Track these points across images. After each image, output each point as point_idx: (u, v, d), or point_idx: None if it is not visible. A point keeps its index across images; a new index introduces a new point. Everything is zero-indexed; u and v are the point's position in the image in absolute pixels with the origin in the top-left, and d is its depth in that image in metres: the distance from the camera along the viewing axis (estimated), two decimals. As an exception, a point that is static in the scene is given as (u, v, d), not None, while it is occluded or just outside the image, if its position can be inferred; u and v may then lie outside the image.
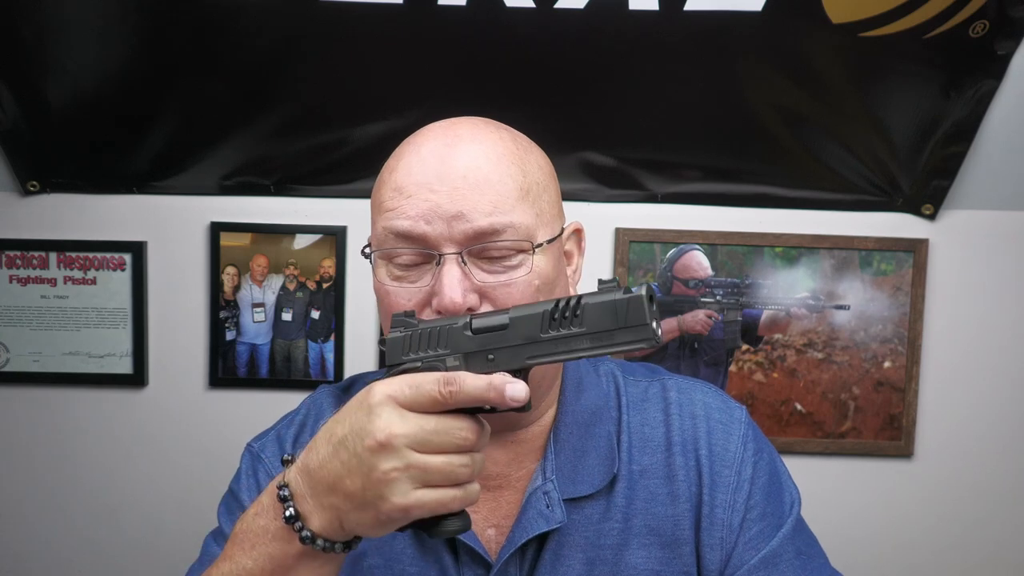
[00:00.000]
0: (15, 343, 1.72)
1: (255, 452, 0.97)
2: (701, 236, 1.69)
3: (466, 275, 0.81)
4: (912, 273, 1.69)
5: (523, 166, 0.85)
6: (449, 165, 0.82)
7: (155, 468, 1.74)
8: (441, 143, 0.84)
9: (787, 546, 0.89)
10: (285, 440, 0.97)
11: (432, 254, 0.82)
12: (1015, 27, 1.48)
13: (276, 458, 0.95)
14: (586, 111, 1.59)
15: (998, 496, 1.75)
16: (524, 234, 0.82)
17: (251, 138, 1.63)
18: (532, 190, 0.85)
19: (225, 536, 0.88)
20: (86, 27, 1.50)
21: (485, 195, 0.81)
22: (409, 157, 0.85)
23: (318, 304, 1.71)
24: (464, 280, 0.81)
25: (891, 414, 1.72)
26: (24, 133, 1.62)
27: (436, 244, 0.81)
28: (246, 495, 0.93)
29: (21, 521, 1.75)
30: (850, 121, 1.59)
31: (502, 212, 0.81)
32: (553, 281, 0.86)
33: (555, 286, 0.87)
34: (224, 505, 0.96)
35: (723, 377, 1.71)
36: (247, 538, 0.76)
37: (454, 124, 0.87)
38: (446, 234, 0.81)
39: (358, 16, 1.46)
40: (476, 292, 0.81)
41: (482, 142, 0.85)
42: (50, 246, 1.70)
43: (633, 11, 1.45)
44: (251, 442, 0.99)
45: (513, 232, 0.82)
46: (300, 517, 0.72)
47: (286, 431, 0.98)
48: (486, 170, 0.82)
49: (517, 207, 0.82)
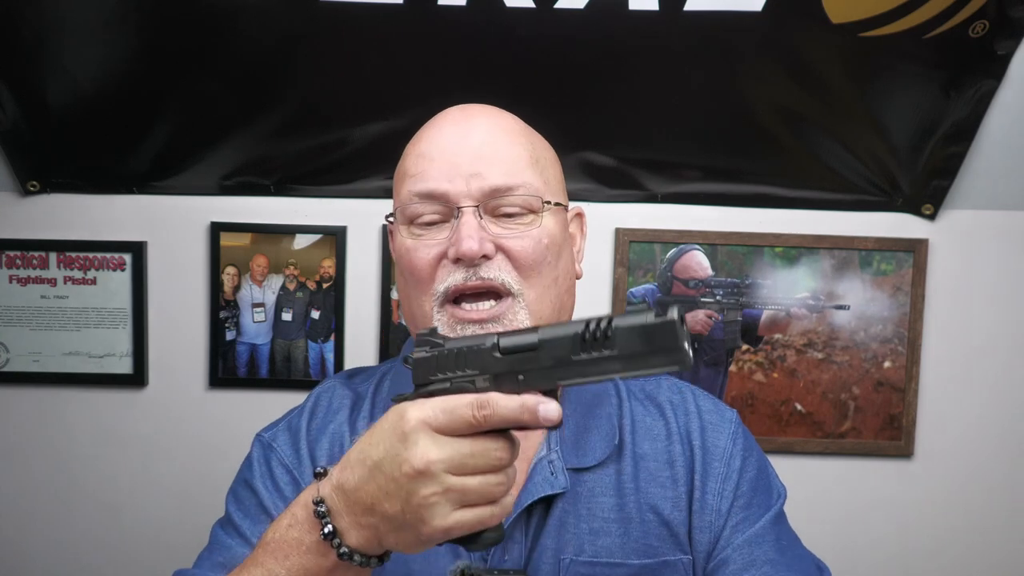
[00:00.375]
0: (15, 343, 1.72)
1: (266, 442, 0.99)
2: (701, 236, 1.69)
3: (482, 227, 0.88)
4: (912, 273, 1.69)
5: (532, 141, 0.95)
6: (468, 138, 0.91)
7: (155, 468, 1.74)
8: (459, 119, 0.94)
9: (770, 530, 0.95)
10: (297, 428, 0.99)
11: (451, 209, 0.89)
12: (1015, 27, 1.48)
13: (287, 447, 0.97)
14: (586, 111, 1.59)
15: (998, 496, 1.75)
16: (534, 192, 0.91)
17: (251, 138, 1.63)
18: (540, 161, 0.94)
19: (234, 525, 0.93)
20: (86, 27, 1.50)
21: (500, 158, 0.90)
22: (431, 131, 0.94)
23: (318, 304, 1.71)
24: (480, 230, 0.88)
25: (891, 414, 1.72)
26: (24, 133, 1.62)
27: (456, 199, 0.89)
28: (260, 483, 0.95)
29: (21, 521, 1.75)
30: (850, 121, 1.59)
31: (514, 174, 0.90)
32: (560, 245, 0.94)
33: (562, 252, 0.94)
34: (233, 495, 0.98)
35: (723, 377, 1.71)
36: (280, 548, 0.77)
37: (469, 107, 0.97)
38: (464, 190, 0.89)
39: (358, 16, 1.46)
40: (492, 242, 0.88)
41: (495, 121, 0.94)
42: (50, 246, 1.70)
43: (633, 11, 1.45)
44: (261, 432, 1.01)
45: (525, 189, 0.90)
46: (338, 534, 0.73)
47: (297, 420, 1.00)
48: (501, 141, 0.92)
49: (527, 171, 0.91)
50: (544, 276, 0.90)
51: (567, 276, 0.95)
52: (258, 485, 0.95)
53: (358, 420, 0.98)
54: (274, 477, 0.95)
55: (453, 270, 0.88)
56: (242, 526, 0.94)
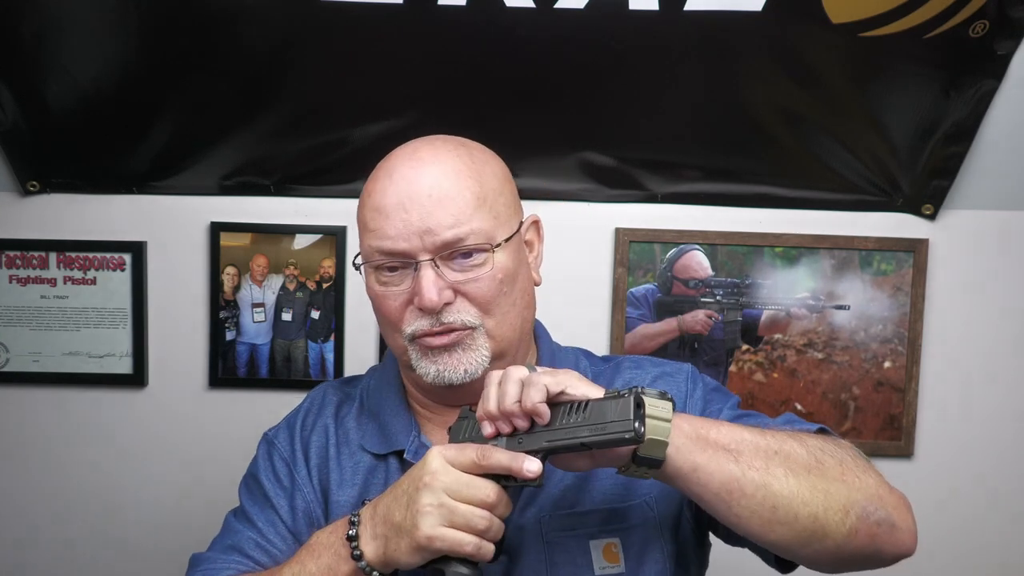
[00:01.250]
0: (15, 343, 1.72)
1: (269, 439, 1.13)
2: (701, 236, 1.69)
3: (439, 276, 0.97)
4: (912, 273, 1.69)
5: (479, 178, 1.00)
6: (416, 186, 0.98)
7: (155, 468, 1.74)
8: (408, 167, 1.00)
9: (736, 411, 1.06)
10: (294, 426, 1.12)
11: (410, 262, 0.98)
12: (1015, 27, 1.48)
13: (287, 444, 1.10)
14: (586, 111, 1.59)
15: (998, 496, 1.75)
16: (484, 237, 0.98)
17: (251, 138, 1.63)
18: (488, 197, 1.00)
19: (244, 511, 1.08)
20: (86, 27, 1.50)
21: (447, 209, 0.97)
22: (383, 181, 1.01)
23: (318, 304, 1.71)
24: (438, 280, 0.97)
25: (891, 414, 1.72)
26: (24, 133, 1.62)
27: (413, 254, 0.98)
28: (263, 476, 1.09)
29: (21, 521, 1.75)
30: (850, 121, 1.59)
31: (462, 222, 0.97)
32: (515, 271, 1.02)
33: (517, 277, 1.03)
34: (244, 485, 1.11)
35: (723, 377, 1.71)
36: (316, 549, 0.95)
37: (417, 148, 1.03)
38: (419, 246, 0.97)
39: (358, 16, 1.46)
40: (450, 289, 0.98)
41: (442, 162, 1.00)
42: (50, 246, 1.70)
43: (633, 11, 1.45)
44: (267, 431, 1.14)
45: (474, 237, 0.98)
46: (357, 539, 0.91)
47: (294, 419, 1.14)
48: (446, 187, 0.98)
49: (475, 215, 0.98)
50: (502, 306, 1.01)
51: (524, 294, 1.05)
52: (262, 477, 1.09)
53: (347, 416, 1.11)
54: (275, 470, 1.09)
55: (419, 316, 0.99)
56: (250, 512, 1.07)
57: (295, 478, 1.07)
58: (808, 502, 0.87)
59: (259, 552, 1.03)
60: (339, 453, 1.07)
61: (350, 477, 1.06)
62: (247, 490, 1.10)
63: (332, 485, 1.05)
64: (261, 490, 1.08)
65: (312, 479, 1.07)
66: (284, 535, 1.04)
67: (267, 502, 1.06)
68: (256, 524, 1.05)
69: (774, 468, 0.88)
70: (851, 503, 0.88)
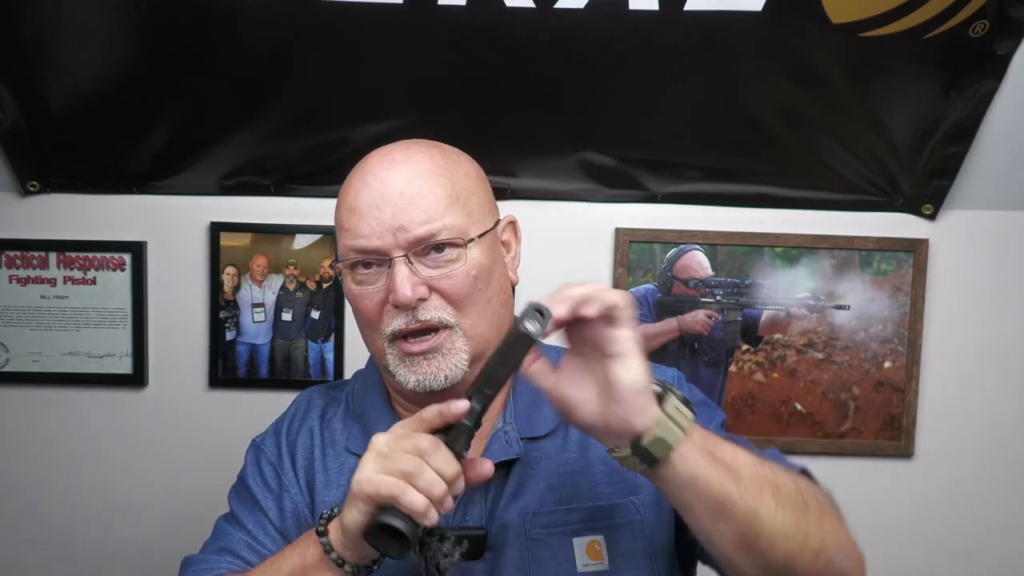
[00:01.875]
0: (15, 343, 1.72)
1: (257, 445, 1.14)
2: (701, 236, 1.69)
3: (413, 272, 0.98)
4: (912, 273, 1.69)
5: (451, 176, 1.01)
6: (389, 186, 0.99)
7: (155, 468, 1.74)
8: (381, 168, 1.01)
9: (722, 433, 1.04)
10: (280, 431, 1.14)
11: (384, 259, 0.99)
12: (1015, 27, 1.48)
13: (274, 449, 1.12)
14: (586, 111, 1.59)
15: (998, 496, 1.75)
16: (457, 233, 0.99)
17: (251, 138, 1.63)
18: (461, 195, 1.01)
19: (234, 515, 1.09)
20: (86, 27, 1.50)
21: (419, 207, 0.98)
22: (357, 183, 1.01)
23: (318, 304, 1.71)
24: (412, 276, 0.98)
25: (891, 414, 1.72)
26: (24, 133, 1.62)
27: (386, 251, 0.98)
28: (251, 480, 1.11)
29: (21, 521, 1.75)
30: (850, 121, 1.59)
31: (434, 219, 0.98)
32: (490, 269, 1.03)
33: (492, 275, 1.03)
34: (235, 492, 1.13)
35: (723, 377, 1.71)
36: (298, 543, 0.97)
37: (391, 150, 1.03)
38: (392, 243, 0.98)
39: (358, 16, 1.46)
40: (424, 285, 0.99)
41: (414, 163, 1.01)
42: (50, 246, 1.70)
43: (633, 11, 1.45)
44: (255, 438, 1.16)
45: (446, 232, 0.98)
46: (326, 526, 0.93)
47: (280, 424, 1.16)
48: (418, 185, 0.99)
49: (448, 212, 0.99)
50: (477, 303, 1.02)
51: (500, 292, 1.05)
52: (250, 482, 1.11)
53: (333, 419, 1.13)
54: (263, 474, 1.10)
55: (396, 314, 1.00)
56: (240, 515, 1.09)
57: (282, 480, 1.09)
58: (789, 537, 0.88)
59: (250, 553, 1.05)
60: (324, 455, 1.09)
61: (335, 478, 1.07)
62: (236, 495, 1.12)
63: (318, 486, 1.07)
64: (250, 494, 1.09)
65: (299, 481, 1.08)
66: (273, 536, 1.06)
67: (256, 505, 1.08)
68: (246, 526, 1.07)
69: (767, 498, 0.88)
70: (823, 548, 0.90)
